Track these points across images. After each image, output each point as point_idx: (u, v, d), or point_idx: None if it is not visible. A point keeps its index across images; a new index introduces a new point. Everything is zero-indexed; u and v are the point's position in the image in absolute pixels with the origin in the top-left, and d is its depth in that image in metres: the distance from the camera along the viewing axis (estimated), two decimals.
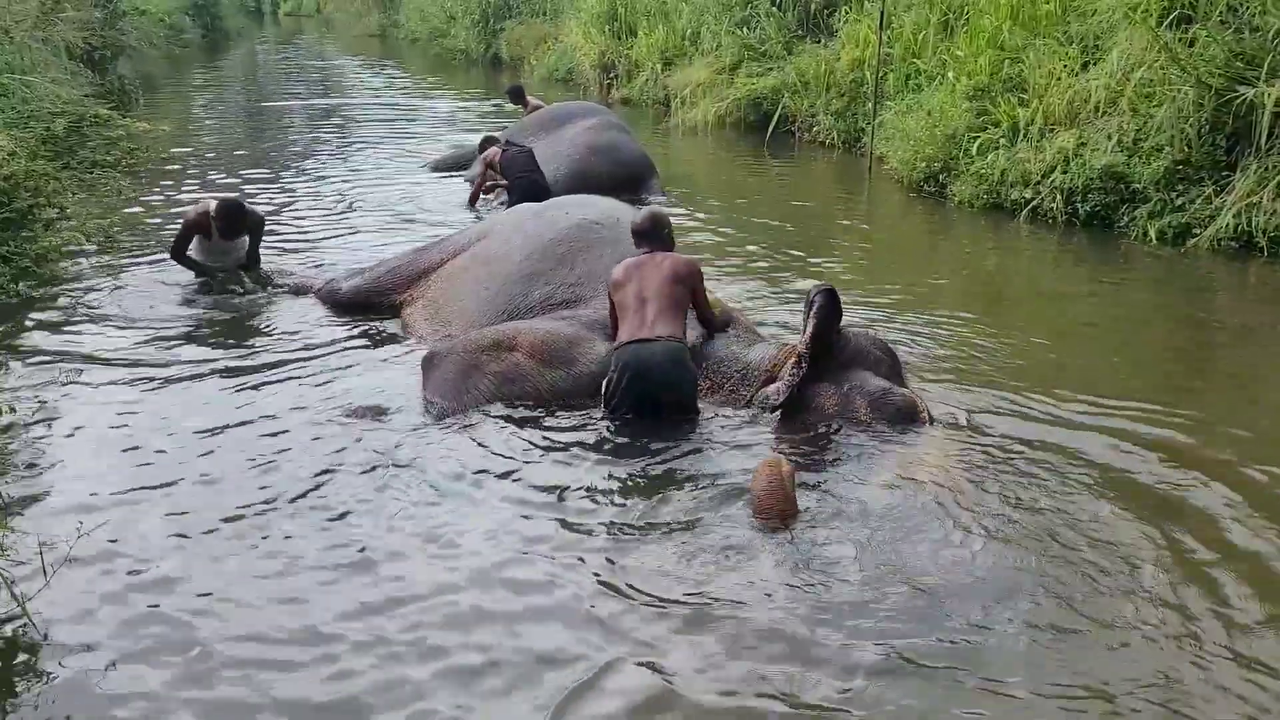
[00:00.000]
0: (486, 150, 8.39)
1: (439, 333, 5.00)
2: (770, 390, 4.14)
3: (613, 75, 16.18)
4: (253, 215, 6.04)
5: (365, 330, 5.34)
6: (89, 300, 5.72)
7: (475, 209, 8.19)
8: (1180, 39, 7.12)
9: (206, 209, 5.83)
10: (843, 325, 4.19)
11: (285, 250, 6.77)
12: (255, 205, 6.75)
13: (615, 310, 4.36)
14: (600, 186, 7.50)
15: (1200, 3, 7.16)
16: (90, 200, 7.47)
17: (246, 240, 5.98)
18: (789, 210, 8.52)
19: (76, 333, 5.23)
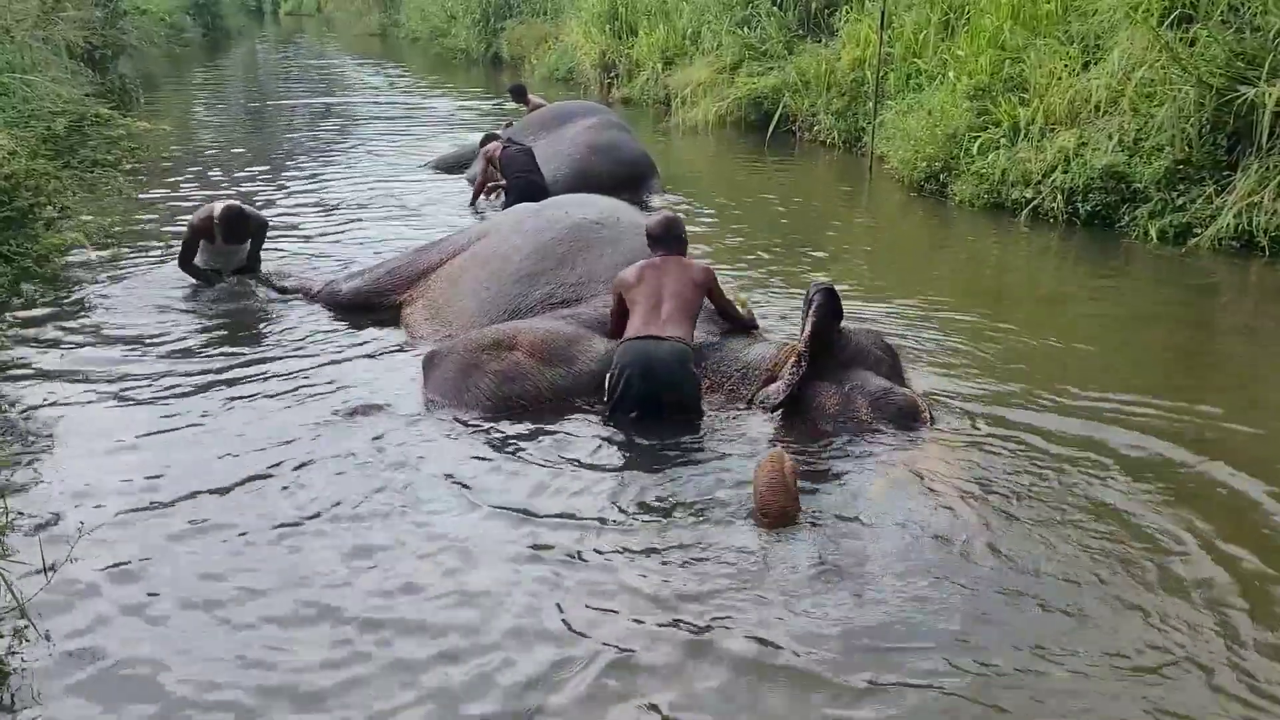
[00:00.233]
0: (488, 145, 8.38)
1: (439, 333, 5.00)
2: (770, 390, 4.14)
3: (613, 75, 16.18)
4: (256, 219, 6.05)
5: (365, 331, 5.34)
6: (90, 300, 5.72)
7: (476, 208, 8.19)
8: (1181, 39, 7.12)
9: (210, 213, 5.84)
10: (843, 325, 4.19)
11: (285, 251, 6.76)
12: (256, 206, 6.75)
13: (620, 310, 4.36)
14: (601, 186, 7.49)
15: (1201, 2, 7.16)
16: (91, 199, 7.46)
17: (249, 243, 5.98)
18: (789, 210, 8.52)
19: (77, 333, 5.22)
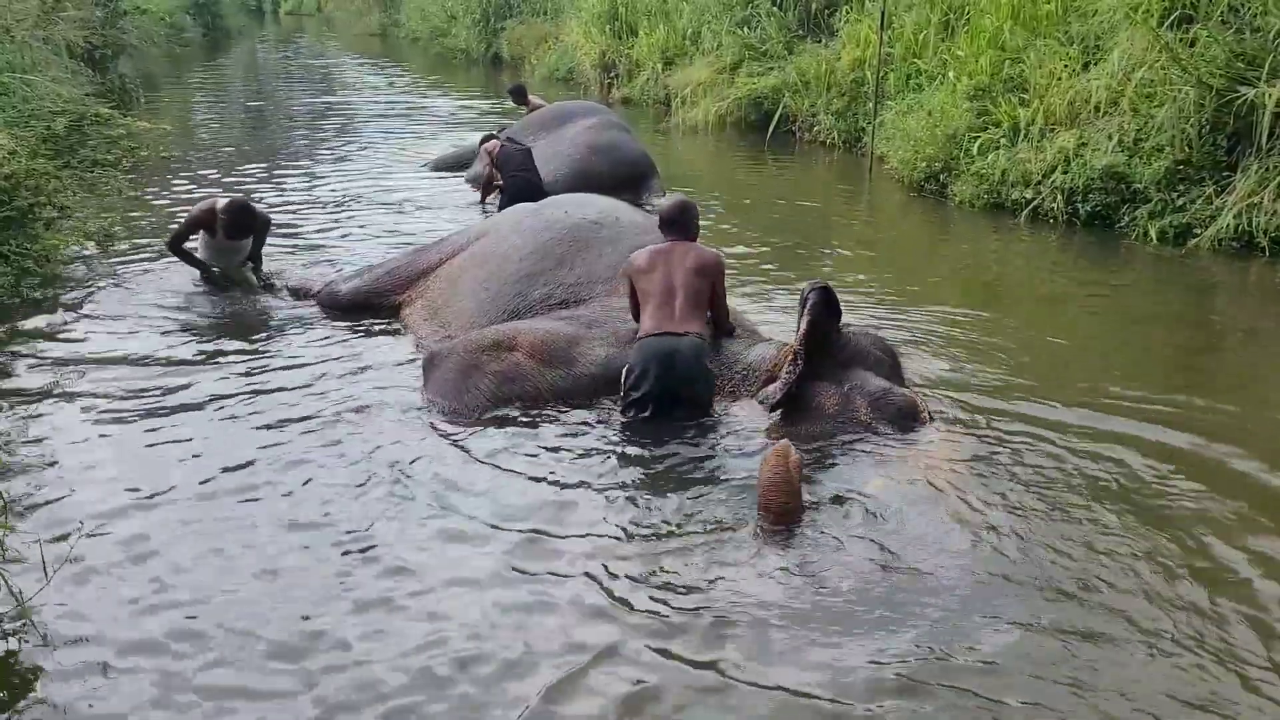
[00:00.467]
0: (488, 143, 8.39)
1: (439, 333, 5.00)
2: (769, 390, 4.14)
3: (613, 75, 16.18)
4: (259, 216, 6.02)
5: (365, 331, 5.34)
6: (90, 300, 5.71)
7: (484, 206, 8.20)
8: (1181, 39, 7.12)
9: (213, 205, 5.81)
10: (843, 325, 4.19)
11: (284, 251, 6.76)
12: (257, 205, 6.74)
13: (636, 297, 4.36)
14: (601, 186, 7.49)
15: (1201, 3, 7.16)
16: (91, 199, 7.46)
17: (250, 241, 5.96)
18: (789, 210, 8.53)
19: (77, 333, 5.23)
